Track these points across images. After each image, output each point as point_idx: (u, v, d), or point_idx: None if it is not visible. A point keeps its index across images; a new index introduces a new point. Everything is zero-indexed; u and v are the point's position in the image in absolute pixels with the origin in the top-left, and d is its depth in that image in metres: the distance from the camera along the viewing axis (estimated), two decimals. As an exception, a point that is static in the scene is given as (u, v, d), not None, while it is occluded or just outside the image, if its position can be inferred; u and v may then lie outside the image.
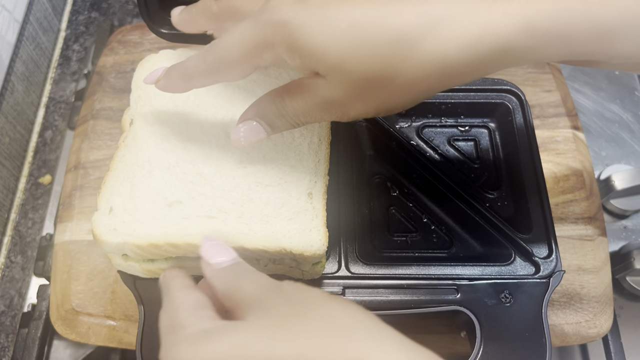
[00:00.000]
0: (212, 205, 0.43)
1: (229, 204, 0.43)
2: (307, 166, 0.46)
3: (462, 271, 0.46)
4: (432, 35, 0.30)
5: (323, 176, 0.46)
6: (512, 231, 0.48)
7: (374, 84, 0.33)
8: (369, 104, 0.35)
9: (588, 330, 0.50)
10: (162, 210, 0.43)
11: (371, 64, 0.32)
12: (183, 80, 0.39)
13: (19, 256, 0.62)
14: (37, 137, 0.69)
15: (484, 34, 0.30)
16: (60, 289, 0.51)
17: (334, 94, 0.34)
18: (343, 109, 0.35)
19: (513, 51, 0.31)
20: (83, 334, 0.49)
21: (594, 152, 0.67)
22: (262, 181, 0.45)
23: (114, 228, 0.41)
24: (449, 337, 0.50)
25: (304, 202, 0.44)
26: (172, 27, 0.53)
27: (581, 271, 0.52)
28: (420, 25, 0.31)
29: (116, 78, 0.62)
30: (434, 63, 0.31)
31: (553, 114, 0.60)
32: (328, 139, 0.48)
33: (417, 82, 0.32)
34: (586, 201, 0.56)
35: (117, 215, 0.42)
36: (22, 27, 0.68)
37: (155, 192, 0.43)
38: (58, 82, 0.73)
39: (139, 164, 0.45)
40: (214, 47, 0.36)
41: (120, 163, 0.45)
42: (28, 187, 0.66)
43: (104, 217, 0.42)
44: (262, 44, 0.33)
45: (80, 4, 0.80)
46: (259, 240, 0.41)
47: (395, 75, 0.32)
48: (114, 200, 0.43)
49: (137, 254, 0.42)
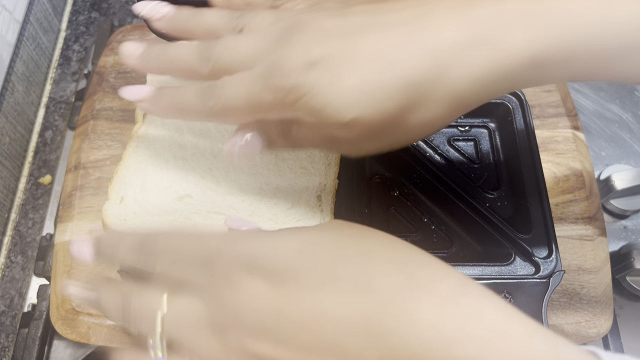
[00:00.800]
0: (222, 201, 0.43)
1: (239, 201, 0.43)
2: (318, 168, 0.46)
3: (462, 271, 0.46)
4: (444, 76, 0.31)
5: (333, 179, 0.46)
6: (512, 231, 0.48)
7: (388, 127, 0.33)
8: (381, 142, 0.35)
9: (588, 330, 0.50)
10: (173, 203, 0.43)
11: (385, 110, 0.32)
12: (173, 111, 0.37)
13: (19, 256, 0.62)
14: (38, 137, 0.69)
15: (492, 69, 0.31)
16: (60, 288, 0.51)
17: (345, 135, 0.34)
18: (353, 147, 0.36)
19: (518, 81, 0.32)
20: (83, 334, 0.49)
21: (593, 152, 0.67)
22: (273, 181, 0.45)
23: (124, 218, 0.42)
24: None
25: (312, 204, 0.44)
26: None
27: (581, 271, 0.52)
28: (432, 68, 0.31)
29: (116, 78, 0.62)
30: (446, 100, 0.32)
31: (553, 114, 0.60)
32: None
33: (429, 120, 0.33)
34: (586, 201, 0.56)
35: (128, 205, 0.42)
36: (23, 27, 0.68)
37: (167, 184, 0.43)
38: (58, 82, 0.73)
39: (151, 156, 0.45)
40: (216, 93, 0.34)
41: (133, 154, 0.45)
42: (28, 187, 0.66)
43: (115, 207, 0.42)
44: (271, 104, 0.33)
45: (80, 4, 0.80)
46: None
47: (409, 117, 0.32)
48: (126, 190, 0.43)
49: None
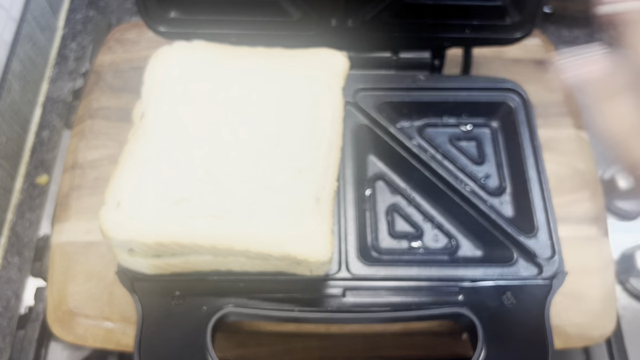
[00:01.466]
0: (220, 205, 0.43)
1: (237, 205, 0.43)
2: (315, 171, 0.45)
3: (464, 272, 0.45)
4: None
5: (332, 182, 0.45)
6: (515, 231, 0.47)
7: None
8: None
9: (591, 331, 0.50)
10: (170, 207, 0.42)
11: None
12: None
13: (15, 257, 0.61)
14: (34, 136, 0.69)
15: None
16: (57, 290, 0.51)
17: None
18: None
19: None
20: (80, 336, 0.49)
21: (597, 152, 0.67)
22: (271, 184, 0.44)
23: (121, 223, 0.41)
24: (451, 339, 0.50)
25: (311, 207, 0.43)
26: (170, 25, 0.53)
27: (584, 272, 0.52)
28: None
29: (114, 77, 0.62)
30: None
31: (556, 113, 0.60)
32: (339, 144, 0.48)
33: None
34: (589, 201, 0.55)
35: (124, 210, 0.42)
36: (19, 26, 0.68)
37: (163, 188, 0.43)
38: (55, 81, 0.73)
39: (147, 159, 0.44)
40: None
41: (129, 157, 0.44)
42: (25, 187, 0.65)
43: (112, 212, 0.41)
44: None
45: (77, 2, 0.79)
46: (264, 243, 0.41)
47: None
48: (122, 194, 0.42)
49: (143, 250, 0.42)
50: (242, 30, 0.53)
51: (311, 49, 0.52)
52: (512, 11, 0.53)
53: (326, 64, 0.51)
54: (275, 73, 0.50)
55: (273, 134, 0.47)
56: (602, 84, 0.36)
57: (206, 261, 0.43)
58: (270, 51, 0.52)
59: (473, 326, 0.43)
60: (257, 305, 0.44)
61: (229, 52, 0.51)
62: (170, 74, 0.49)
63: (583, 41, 0.78)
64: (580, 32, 0.79)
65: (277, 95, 0.49)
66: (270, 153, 0.45)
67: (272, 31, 0.53)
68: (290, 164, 0.45)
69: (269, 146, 0.46)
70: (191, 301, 0.43)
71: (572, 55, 0.37)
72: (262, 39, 0.53)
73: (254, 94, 0.49)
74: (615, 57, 0.36)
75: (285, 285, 0.45)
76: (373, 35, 0.54)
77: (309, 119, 0.48)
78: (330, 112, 0.48)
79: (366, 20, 0.53)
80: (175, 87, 0.48)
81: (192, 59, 0.50)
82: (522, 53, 0.64)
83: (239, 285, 0.44)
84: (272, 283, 0.45)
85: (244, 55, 0.51)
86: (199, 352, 0.41)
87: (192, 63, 0.50)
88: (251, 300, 0.44)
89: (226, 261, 0.43)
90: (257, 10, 0.52)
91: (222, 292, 0.44)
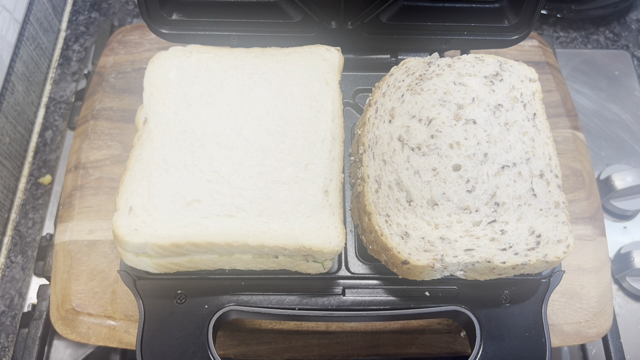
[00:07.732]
0: (231, 203, 0.44)
1: (248, 202, 0.44)
2: (322, 164, 0.46)
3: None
4: None
5: (338, 174, 0.46)
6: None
7: None
8: None
9: (588, 330, 0.50)
10: (182, 209, 0.43)
11: None
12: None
13: (19, 256, 0.62)
14: (38, 137, 0.69)
15: None
16: (60, 289, 0.51)
17: None
18: None
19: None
20: (83, 334, 0.49)
21: (593, 152, 0.68)
22: (279, 179, 0.45)
23: (135, 228, 0.42)
24: (449, 337, 0.50)
25: (320, 199, 0.44)
26: (172, 27, 0.53)
27: (581, 271, 0.52)
28: None
29: (116, 78, 0.62)
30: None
31: (553, 114, 0.60)
32: (341, 137, 0.48)
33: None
34: (586, 201, 0.56)
35: (137, 215, 0.42)
36: (23, 27, 0.68)
37: (174, 191, 0.44)
38: (58, 82, 0.73)
39: (155, 163, 0.45)
40: None
41: (136, 162, 0.45)
42: (28, 187, 0.66)
43: (124, 217, 0.42)
44: None
45: (80, 4, 0.80)
46: (278, 238, 0.42)
47: None
48: (133, 200, 0.43)
49: (158, 253, 0.42)
50: (243, 31, 0.53)
51: (305, 47, 0.53)
52: (510, 13, 0.53)
53: (321, 60, 0.52)
54: (272, 71, 0.51)
55: (276, 130, 0.47)
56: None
57: (211, 260, 0.44)
58: (266, 51, 0.53)
59: (471, 324, 0.43)
60: (258, 304, 0.44)
61: (225, 54, 0.52)
62: (168, 79, 0.50)
63: (580, 42, 0.79)
64: (577, 34, 0.79)
65: (277, 93, 0.50)
66: (275, 149, 0.46)
67: (272, 33, 0.54)
68: (296, 158, 0.46)
69: (273, 143, 0.47)
70: (193, 300, 0.44)
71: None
72: (263, 41, 0.54)
73: (254, 93, 0.49)
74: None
75: (286, 283, 0.45)
76: (372, 37, 0.55)
77: (310, 114, 0.48)
78: (330, 106, 0.49)
79: (365, 22, 0.54)
80: (175, 91, 0.49)
81: (189, 62, 0.51)
82: (519, 54, 0.65)
83: (240, 284, 0.45)
84: (273, 282, 0.45)
85: (240, 56, 0.52)
86: (200, 349, 0.42)
87: (189, 66, 0.51)
88: (252, 299, 0.44)
89: (231, 260, 0.44)
90: (258, 12, 0.53)
91: (223, 291, 0.44)
